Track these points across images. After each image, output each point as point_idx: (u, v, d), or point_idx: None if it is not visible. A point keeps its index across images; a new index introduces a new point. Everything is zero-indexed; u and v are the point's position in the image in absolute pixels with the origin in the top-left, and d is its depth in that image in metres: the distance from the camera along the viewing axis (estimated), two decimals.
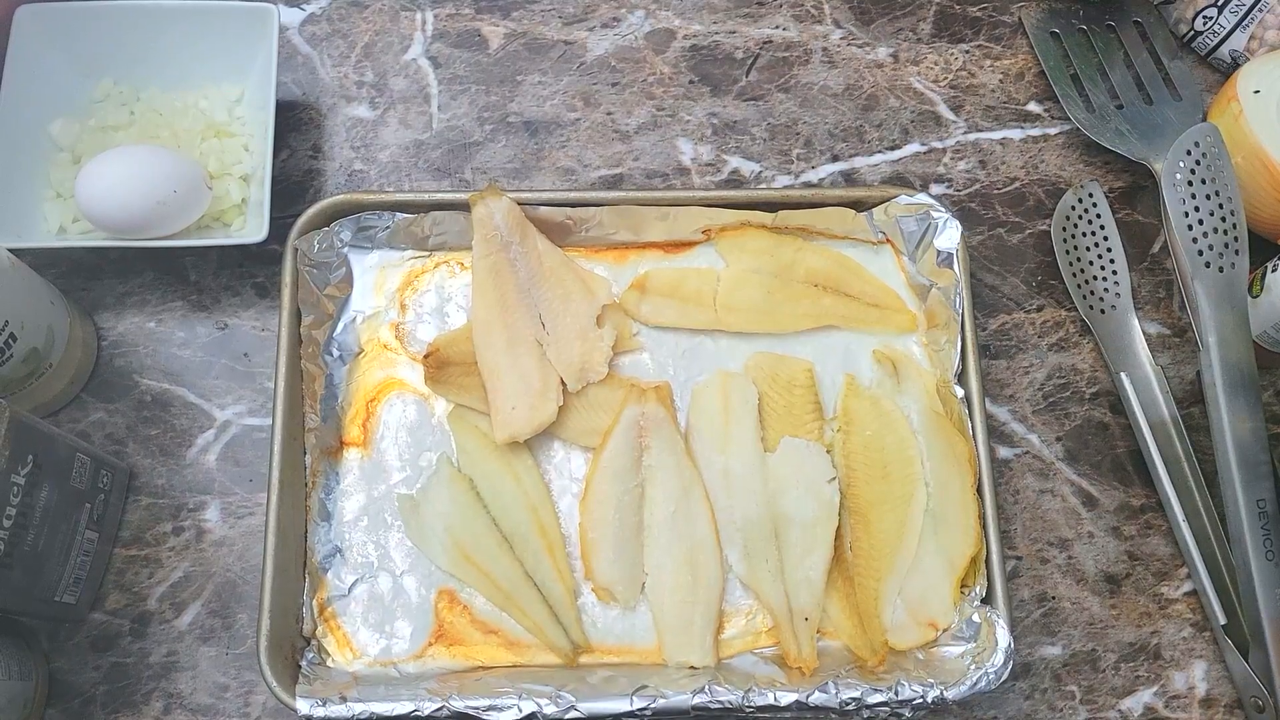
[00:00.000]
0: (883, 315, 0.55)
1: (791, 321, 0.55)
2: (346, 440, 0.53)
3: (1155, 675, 0.53)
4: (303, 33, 0.63)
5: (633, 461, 0.52)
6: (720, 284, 0.55)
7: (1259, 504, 0.50)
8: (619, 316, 0.55)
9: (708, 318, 0.55)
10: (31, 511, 0.44)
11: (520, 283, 0.53)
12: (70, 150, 0.55)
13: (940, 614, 0.50)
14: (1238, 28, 0.64)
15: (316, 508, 0.51)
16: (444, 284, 0.55)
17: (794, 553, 0.50)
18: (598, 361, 0.53)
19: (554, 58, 0.63)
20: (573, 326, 0.53)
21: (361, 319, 0.55)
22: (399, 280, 0.55)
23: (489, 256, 0.53)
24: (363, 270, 0.55)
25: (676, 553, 0.50)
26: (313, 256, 0.53)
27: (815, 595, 0.50)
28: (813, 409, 0.53)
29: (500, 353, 0.52)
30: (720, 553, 0.51)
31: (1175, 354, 0.59)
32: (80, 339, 0.52)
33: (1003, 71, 0.65)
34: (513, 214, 0.53)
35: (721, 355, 0.55)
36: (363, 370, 0.54)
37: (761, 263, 0.55)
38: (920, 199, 0.54)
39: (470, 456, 0.52)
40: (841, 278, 0.56)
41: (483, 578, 0.50)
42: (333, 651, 0.50)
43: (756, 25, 0.65)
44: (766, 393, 0.53)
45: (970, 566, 0.50)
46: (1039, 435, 0.57)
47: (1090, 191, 0.60)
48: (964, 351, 0.52)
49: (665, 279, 0.55)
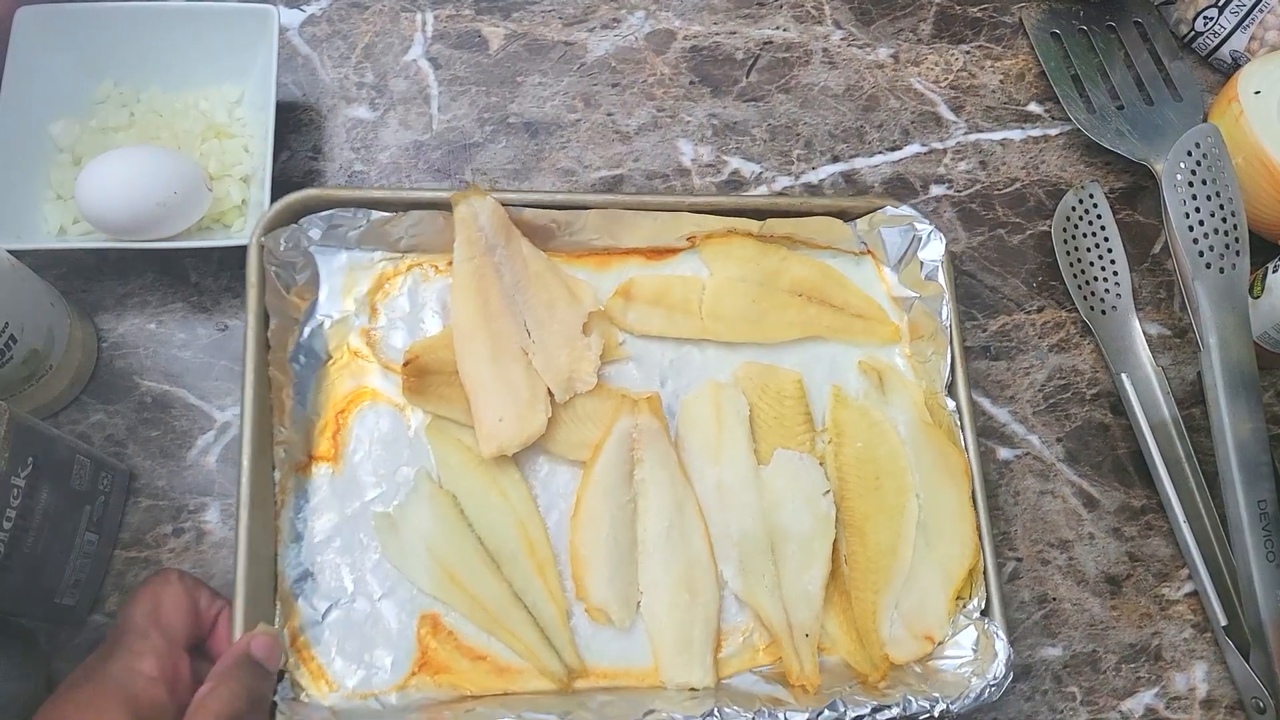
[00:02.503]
0: (867, 326, 0.55)
1: (778, 331, 0.54)
2: (316, 454, 0.50)
3: (1156, 676, 0.53)
4: (303, 34, 0.63)
5: (625, 476, 0.50)
6: (706, 292, 0.54)
7: (1260, 505, 0.50)
8: (605, 325, 0.53)
9: (694, 326, 0.54)
10: (32, 513, 0.43)
11: (505, 288, 0.51)
12: (70, 151, 0.55)
13: (936, 626, 0.49)
14: (1238, 28, 0.64)
15: (286, 528, 0.48)
16: (417, 288, 0.53)
17: (791, 567, 0.49)
18: (586, 371, 0.51)
19: (554, 59, 0.63)
20: (559, 335, 0.51)
21: (330, 323, 0.52)
22: (369, 283, 0.52)
23: (472, 260, 0.51)
24: (330, 272, 0.52)
25: (673, 570, 0.49)
26: (279, 255, 0.50)
27: (814, 611, 0.49)
28: (804, 420, 0.53)
29: (484, 361, 0.50)
30: (716, 569, 0.50)
31: (1176, 355, 0.59)
32: (80, 340, 0.52)
33: (1003, 72, 0.65)
34: (498, 215, 0.51)
35: (709, 365, 0.54)
36: (332, 379, 0.51)
37: (746, 271, 0.54)
38: (905, 211, 0.54)
39: (452, 471, 0.50)
40: (825, 288, 0.55)
41: (468, 600, 0.48)
42: (307, 685, 0.46)
43: (757, 26, 0.65)
44: (757, 404, 0.52)
45: (967, 578, 0.49)
46: (1039, 436, 0.57)
47: (1091, 192, 0.60)
48: (953, 363, 0.52)
49: (650, 286, 0.54)
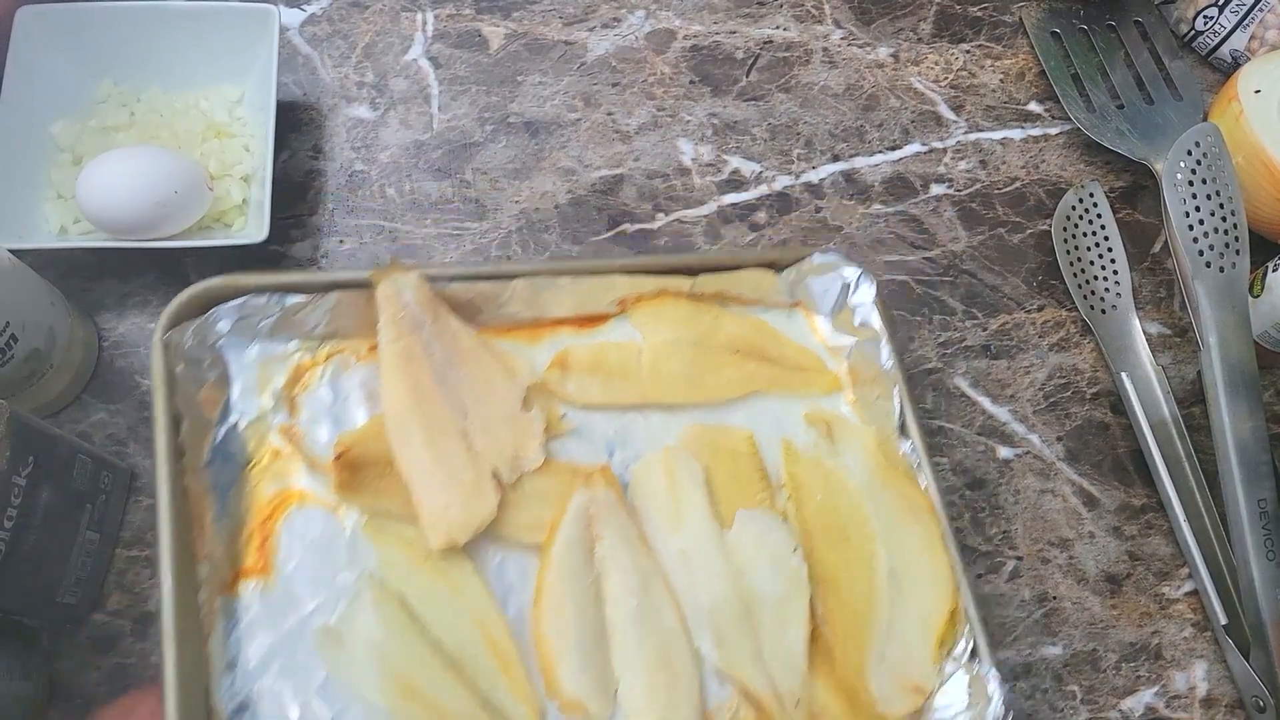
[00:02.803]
0: (806, 378, 0.53)
1: (719, 389, 0.52)
2: (243, 569, 0.45)
3: (1156, 675, 0.53)
4: (303, 33, 0.63)
5: (586, 555, 0.47)
6: (643, 356, 0.52)
7: (1260, 503, 0.50)
8: (544, 398, 0.51)
9: (636, 391, 0.52)
10: (32, 512, 0.44)
11: (436, 368, 0.48)
12: (71, 151, 0.55)
13: (922, 677, 0.46)
14: (1238, 27, 0.64)
15: (217, 654, 0.43)
16: (339, 378, 0.49)
17: (770, 632, 0.46)
18: (531, 448, 0.48)
19: (554, 58, 0.63)
20: (498, 411, 0.49)
21: (246, 423, 0.48)
22: (286, 376, 0.49)
23: (399, 340, 0.48)
24: (242, 367, 0.49)
25: (647, 650, 0.45)
26: (184, 352, 0.46)
27: (800, 674, 0.46)
28: (760, 478, 0.50)
29: (422, 447, 0.47)
30: (692, 644, 0.46)
31: (1176, 354, 0.59)
32: (81, 339, 0.52)
33: (1003, 71, 0.65)
34: (423, 291, 0.49)
35: (655, 431, 0.51)
36: (253, 484, 0.47)
37: (680, 332, 0.53)
38: (830, 258, 0.52)
39: (398, 570, 0.46)
40: (761, 342, 0.53)
41: (430, 712, 0.43)
42: None
43: (757, 25, 0.65)
44: (711, 465, 0.50)
45: (948, 621, 0.47)
46: (1040, 435, 0.57)
47: (1091, 191, 0.60)
48: (901, 403, 0.50)
49: (587, 354, 0.52)
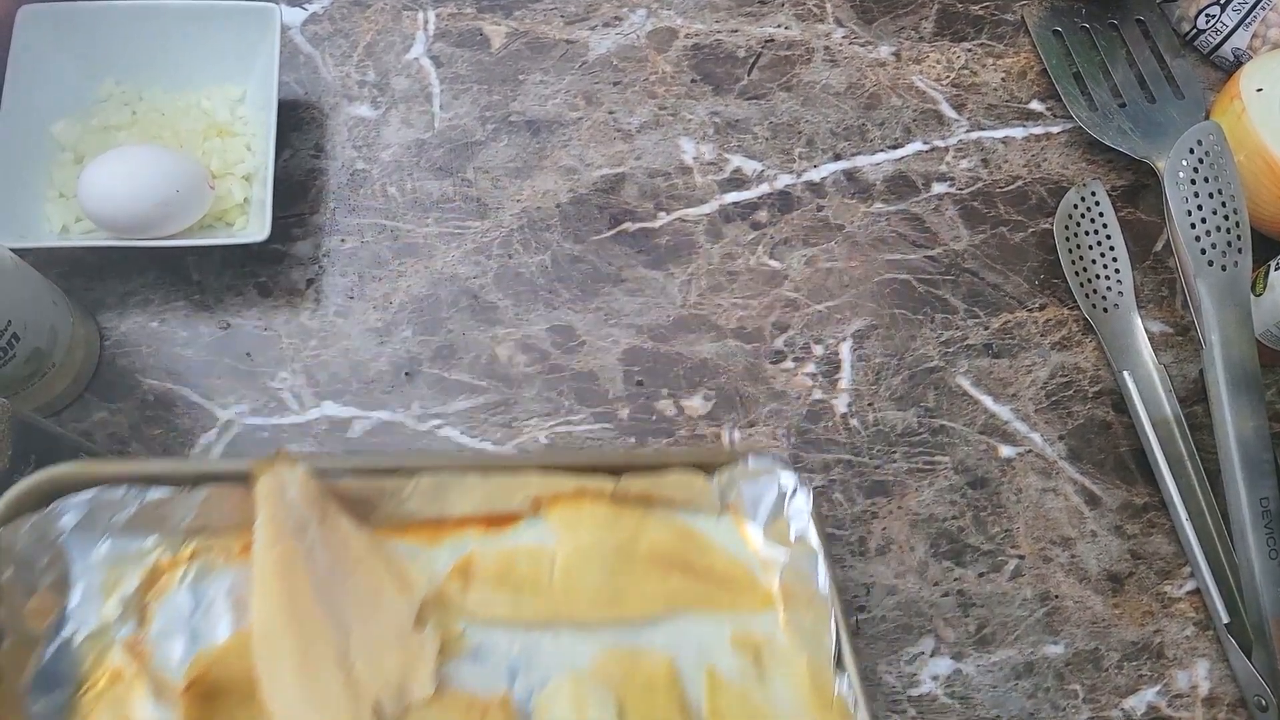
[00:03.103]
0: (735, 595, 0.46)
1: (639, 605, 0.46)
2: None
3: (1158, 674, 0.53)
4: (305, 32, 0.63)
5: None
6: (556, 564, 0.46)
7: (1262, 502, 0.50)
8: (441, 612, 0.44)
9: (546, 607, 0.45)
10: None
11: (318, 577, 0.40)
12: (73, 150, 0.55)
13: None
14: (1240, 26, 0.64)
15: None
16: (203, 581, 0.40)
17: None
18: (422, 674, 0.41)
19: (556, 57, 0.63)
20: (387, 630, 0.42)
21: (82, 636, 0.39)
22: (139, 578, 0.40)
23: (278, 544, 0.40)
24: (87, 567, 0.40)
25: None
26: (16, 552, 0.38)
27: None
28: (680, 714, 0.44)
29: (291, 673, 0.40)
30: None
31: (1178, 352, 0.59)
32: (83, 339, 0.52)
33: (1005, 70, 0.65)
34: (310, 489, 0.41)
35: (565, 652, 0.44)
36: (84, 714, 0.38)
37: (599, 537, 0.46)
38: (766, 463, 0.46)
39: None
40: (687, 553, 0.47)
41: None
42: None
43: (758, 24, 0.65)
44: (625, 699, 0.44)
45: None
46: (1041, 434, 0.57)
47: (1093, 190, 0.60)
48: (838, 634, 0.43)
49: (493, 563, 0.45)
